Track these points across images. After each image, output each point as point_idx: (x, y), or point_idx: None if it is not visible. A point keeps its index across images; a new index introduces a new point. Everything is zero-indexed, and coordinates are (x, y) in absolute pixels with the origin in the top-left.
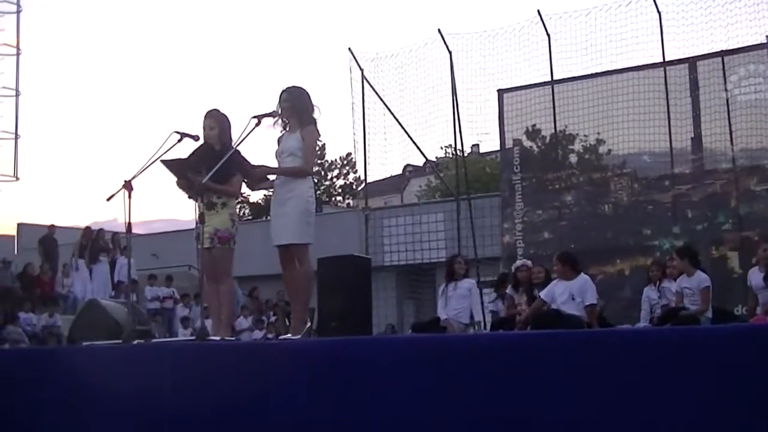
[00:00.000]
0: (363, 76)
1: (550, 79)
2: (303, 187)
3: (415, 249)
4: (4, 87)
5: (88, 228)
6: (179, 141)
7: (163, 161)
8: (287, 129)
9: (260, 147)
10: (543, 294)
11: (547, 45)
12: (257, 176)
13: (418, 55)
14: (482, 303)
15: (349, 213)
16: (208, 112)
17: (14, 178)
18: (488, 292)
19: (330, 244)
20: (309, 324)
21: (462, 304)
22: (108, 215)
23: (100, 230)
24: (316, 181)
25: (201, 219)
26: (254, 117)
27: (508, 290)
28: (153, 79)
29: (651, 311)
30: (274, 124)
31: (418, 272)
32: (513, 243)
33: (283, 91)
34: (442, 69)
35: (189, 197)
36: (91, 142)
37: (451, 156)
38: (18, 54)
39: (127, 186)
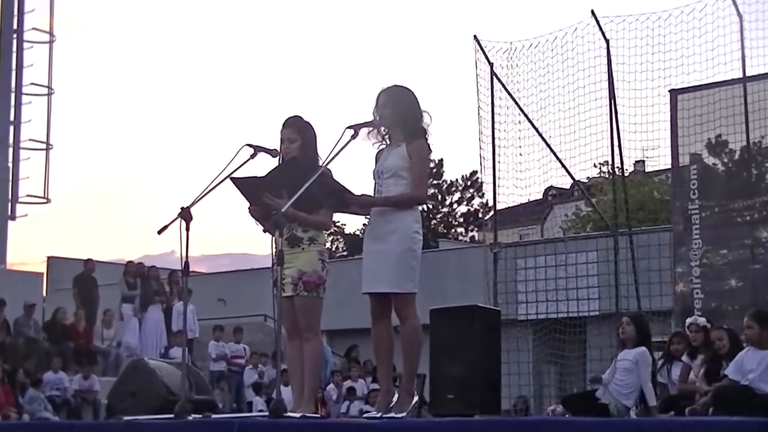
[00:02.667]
0: (492, 73)
1: (741, 76)
2: (408, 218)
3: (558, 299)
4: (32, 84)
5: (136, 264)
6: (252, 157)
7: (234, 180)
8: (388, 142)
9: (350, 163)
10: (730, 372)
11: (739, 30)
12: (360, 206)
13: (565, 45)
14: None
15: (472, 250)
16: (287, 121)
17: (45, 200)
18: (655, 357)
19: (447, 289)
20: (417, 398)
21: (625, 378)
22: (162, 247)
23: (152, 268)
24: (430, 206)
25: (280, 258)
26: (349, 127)
27: (684, 357)
28: (222, 79)
29: None
30: (369, 134)
31: (563, 329)
32: (688, 293)
33: (381, 93)
34: (596, 63)
35: (265, 230)
36: (142, 158)
37: (607, 176)
38: (51, 41)
39: (185, 214)
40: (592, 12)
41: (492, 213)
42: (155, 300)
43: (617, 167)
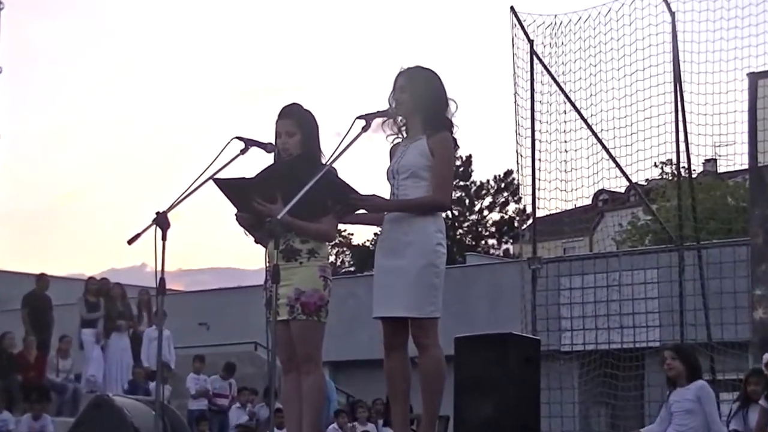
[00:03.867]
0: (532, 52)
1: None
2: (429, 227)
3: (611, 326)
4: None
5: (99, 280)
6: (243, 152)
7: (217, 181)
8: (405, 135)
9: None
10: None
11: None
12: (369, 209)
13: (621, 18)
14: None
15: (506, 266)
16: (284, 110)
17: None
18: (729, 399)
19: (475, 314)
20: None
21: (687, 422)
22: (130, 260)
23: (118, 285)
24: (455, 213)
25: (275, 275)
26: (360, 117)
27: (762, 401)
28: (206, 59)
29: None
30: (383, 125)
31: (616, 363)
32: None
33: (399, 74)
34: (659, 41)
35: (257, 240)
36: (110, 152)
37: (671, 178)
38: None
39: (161, 220)
40: None
41: (530, 221)
42: (121, 324)
43: (683, 167)
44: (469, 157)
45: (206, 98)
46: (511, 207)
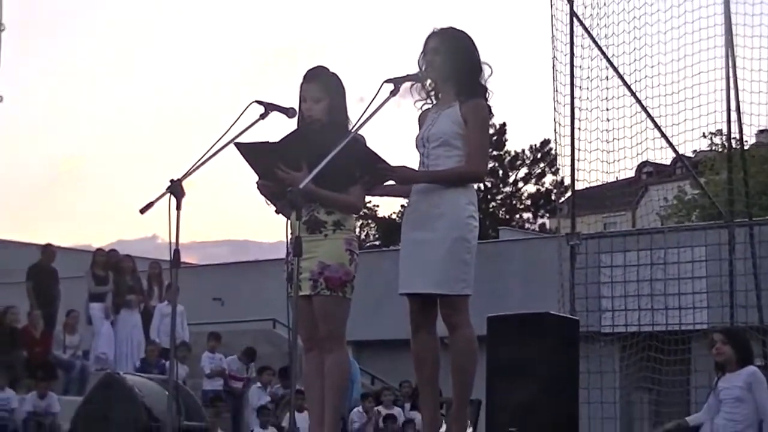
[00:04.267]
0: (572, 13)
1: None
2: (460, 199)
3: (655, 307)
4: None
5: (108, 252)
6: (263, 117)
7: (238, 145)
8: (436, 100)
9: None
10: None
11: None
12: (398, 180)
13: None
14: None
15: (542, 241)
16: (309, 73)
17: None
18: None
19: (509, 292)
20: (470, 430)
21: (737, 411)
22: (140, 231)
23: (128, 257)
24: (488, 185)
25: (297, 248)
26: (388, 81)
27: None
28: (221, 17)
29: None
30: (412, 89)
31: (661, 346)
32: None
33: (431, 35)
34: (710, 2)
35: (278, 210)
36: (119, 115)
37: (720, 150)
38: None
39: (176, 188)
40: None
41: (569, 194)
42: (131, 299)
43: (734, 138)
44: (503, 125)
45: (225, 58)
46: (548, 179)
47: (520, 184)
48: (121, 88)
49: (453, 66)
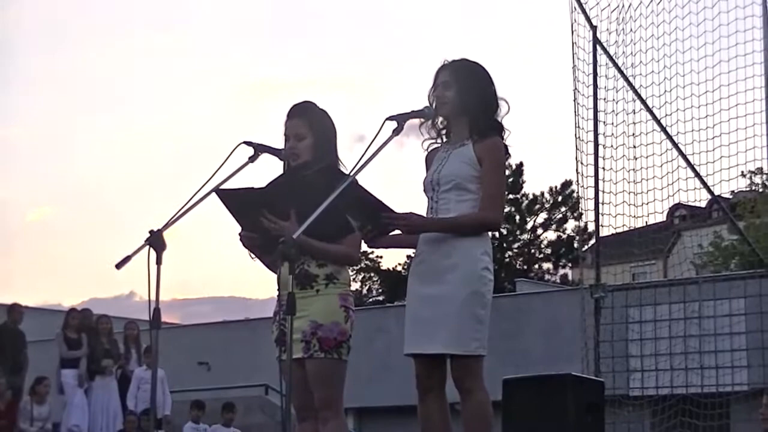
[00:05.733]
0: (596, 40)
1: None
2: (474, 250)
3: (689, 366)
4: None
5: (81, 311)
6: (252, 159)
7: (220, 193)
8: (446, 139)
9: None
10: None
11: None
12: (407, 230)
13: (700, 2)
14: None
15: (564, 294)
16: (294, 108)
17: None
18: None
19: (528, 351)
20: None
21: None
22: (115, 288)
23: (103, 317)
24: (503, 232)
25: (291, 305)
26: (391, 118)
27: None
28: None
29: None
30: (421, 127)
31: (696, 411)
32: None
33: (442, 68)
34: (749, 25)
35: (267, 264)
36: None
37: (761, 190)
38: None
39: (156, 240)
40: None
41: (593, 242)
42: (108, 364)
43: None
44: (520, 165)
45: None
46: (570, 224)
47: (539, 231)
48: (93, 132)
49: (466, 101)
